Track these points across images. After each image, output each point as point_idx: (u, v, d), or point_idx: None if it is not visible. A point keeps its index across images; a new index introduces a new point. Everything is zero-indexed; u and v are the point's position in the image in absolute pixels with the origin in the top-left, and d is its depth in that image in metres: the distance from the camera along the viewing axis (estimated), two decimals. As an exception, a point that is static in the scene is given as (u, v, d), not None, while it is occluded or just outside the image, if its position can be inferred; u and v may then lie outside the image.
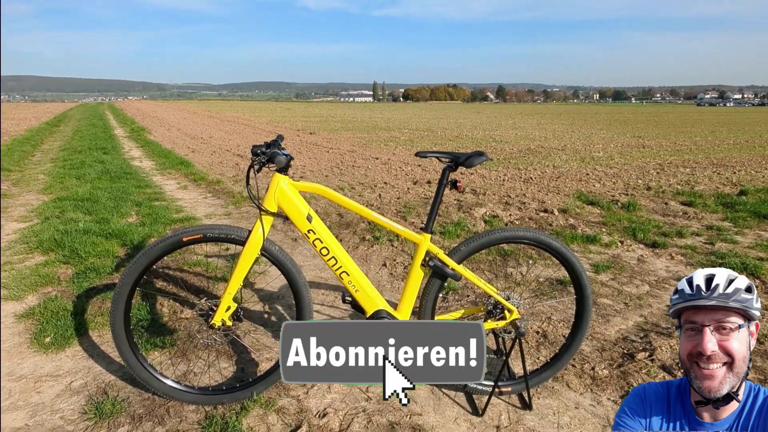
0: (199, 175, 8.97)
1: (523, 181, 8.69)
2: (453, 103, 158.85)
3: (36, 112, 42.23)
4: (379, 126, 25.63)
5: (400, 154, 12.96)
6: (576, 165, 11.12)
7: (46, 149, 13.87)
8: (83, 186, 7.69)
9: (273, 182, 2.28)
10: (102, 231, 5.02)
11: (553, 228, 5.29)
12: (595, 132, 22.78)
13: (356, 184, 8.13)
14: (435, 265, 2.41)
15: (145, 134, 18.59)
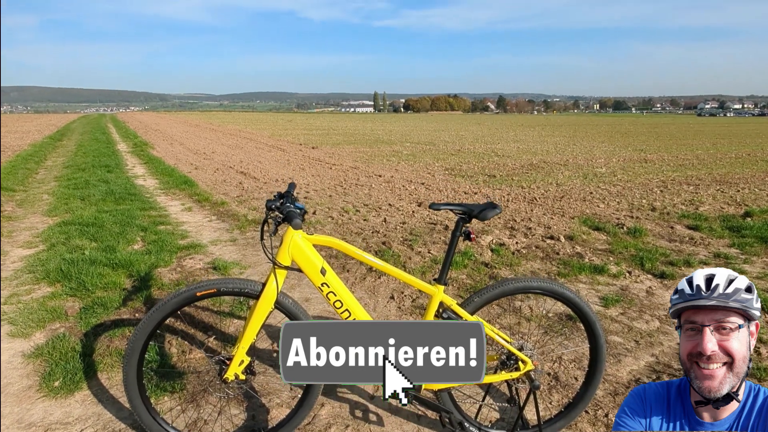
0: (203, 195, 8.97)
1: (528, 201, 8.68)
2: (454, 114, 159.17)
3: (39, 125, 42.40)
4: (381, 139, 25.70)
5: (402, 171, 12.98)
6: (579, 182, 11.12)
7: (49, 166, 13.89)
8: (88, 208, 7.70)
9: (287, 236, 2.27)
10: (108, 260, 5.01)
11: (560, 257, 5.28)
12: (597, 145, 22.82)
13: (361, 205, 8.12)
14: (449, 317, 2.40)
15: (148, 149, 18.64)
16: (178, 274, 4.81)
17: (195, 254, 5.48)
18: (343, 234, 6.16)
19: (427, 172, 12.81)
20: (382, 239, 5.82)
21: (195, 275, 4.79)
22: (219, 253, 5.56)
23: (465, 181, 11.39)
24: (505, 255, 5.29)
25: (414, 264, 4.99)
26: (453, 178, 11.88)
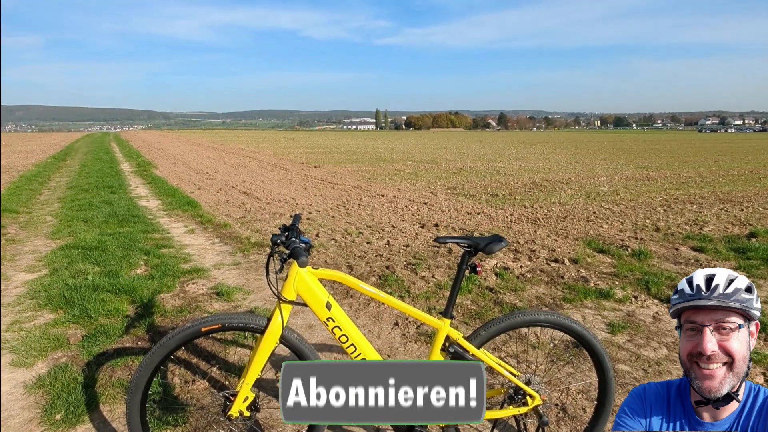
0: (206, 217, 8.97)
1: (531, 221, 8.67)
2: (455, 131, 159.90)
3: (43, 144, 42.67)
4: (383, 158, 25.78)
5: (405, 190, 12.99)
6: (582, 201, 11.11)
7: (53, 186, 13.94)
8: (91, 231, 7.70)
9: (292, 271, 2.25)
10: (111, 286, 5.00)
11: (565, 281, 5.25)
12: (599, 162, 22.85)
13: (363, 227, 8.11)
14: (455, 351, 2.37)
15: (152, 169, 18.71)
16: (181, 300, 4.78)
17: (198, 279, 5.46)
18: (347, 258, 6.14)
19: (430, 192, 12.82)
20: (386, 263, 5.80)
21: (198, 301, 4.76)
22: (222, 277, 5.54)
23: (467, 200, 11.39)
24: (510, 279, 5.26)
25: (418, 289, 4.96)
26: (455, 197, 11.88)
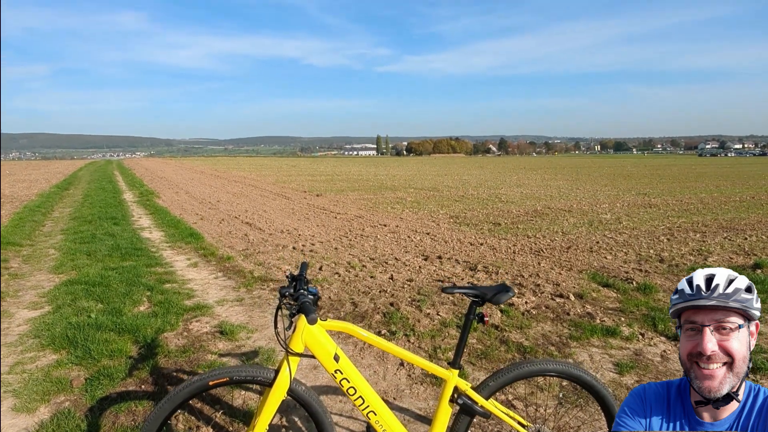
0: (208, 249, 8.97)
1: (534, 252, 8.65)
2: (456, 157, 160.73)
3: (46, 172, 42.94)
4: (385, 185, 25.87)
5: (407, 220, 13.00)
6: (585, 230, 11.10)
7: (56, 217, 13.97)
8: (94, 265, 7.69)
9: (300, 323, 2.24)
10: (114, 325, 4.97)
11: (570, 317, 5.21)
12: (600, 189, 22.91)
13: (367, 259, 8.10)
14: (464, 402, 2.35)
15: (154, 198, 18.78)
16: (184, 340, 4.75)
17: (201, 316, 5.44)
18: (351, 293, 6.11)
19: (432, 221, 12.83)
20: (390, 299, 5.77)
21: (202, 340, 4.73)
22: (226, 314, 5.52)
23: (470, 230, 11.39)
24: (515, 316, 5.23)
25: (423, 327, 4.93)
26: (458, 226, 11.88)
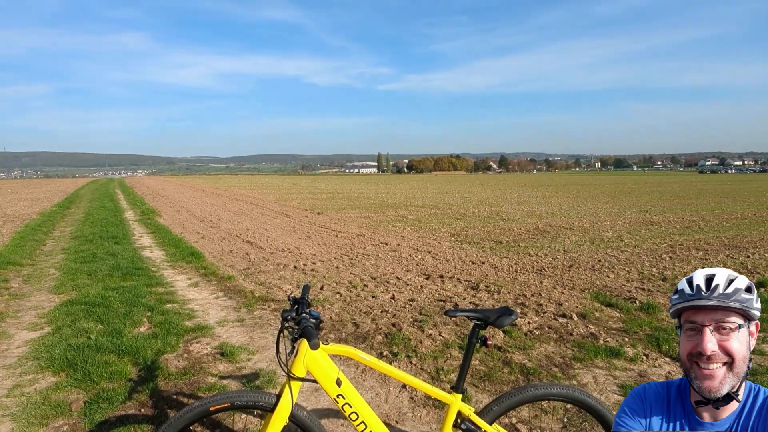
0: (209, 269, 8.95)
1: (536, 271, 8.62)
2: (457, 174, 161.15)
3: (48, 191, 43.05)
4: (386, 203, 25.89)
5: (408, 238, 12.98)
6: (587, 249, 11.08)
7: (57, 236, 13.97)
8: (95, 285, 7.67)
9: (302, 348, 2.22)
10: (114, 346, 4.94)
11: (574, 338, 5.17)
12: (601, 206, 22.91)
13: (368, 279, 8.07)
14: (467, 428, 2.32)
15: (155, 217, 18.79)
16: (185, 361, 4.72)
17: (202, 337, 5.40)
18: (352, 314, 6.08)
19: (433, 239, 12.81)
20: (392, 320, 5.74)
21: (202, 362, 4.69)
22: (226, 335, 5.48)
23: (471, 248, 11.37)
24: (518, 337, 5.19)
25: (425, 348, 4.89)
26: (459, 245, 11.86)
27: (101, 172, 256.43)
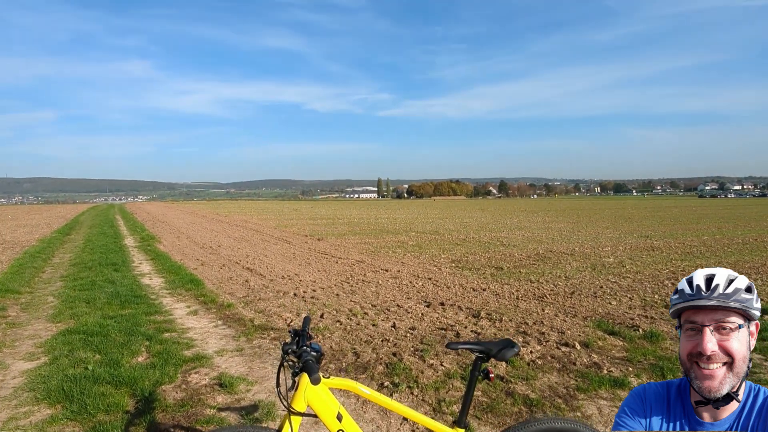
0: (209, 296, 8.89)
1: (538, 298, 8.56)
2: (457, 199, 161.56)
3: (48, 217, 43.09)
4: (386, 228, 25.88)
5: (409, 264, 12.94)
6: (588, 275, 11.02)
7: (56, 263, 13.93)
8: (93, 313, 7.62)
9: (303, 382, 2.19)
10: (112, 377, 4.87)
11: (577, 368, 5.10)
12: (601, 231, 22.89)
13: (369, 306, 8.01)
14: (471, 465, 2.27)
15: (155, 243, 18.76)
16: (183, 393, 4.65)
17: (201, 367, 5.33)
18: (353, 343, 6.01)
19: (434, 265, 12.77)
20: (393, 349, 5.67)
21: (200, 393, 4.62)
22: (225, 365, 5.41)
23: (472, 274, 11.32)
24: (521, 366, 5.12)
25: (426, 379, 4.82)
26: (460, 271, 11.81)
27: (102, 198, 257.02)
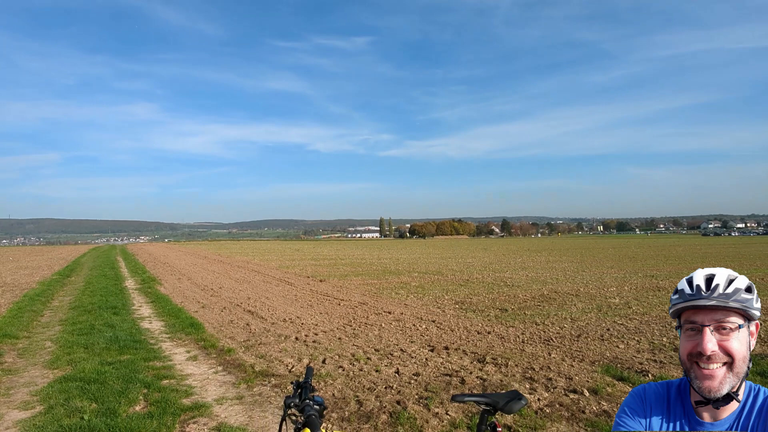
0: (209, 341, 8.75)
1: (544, 341, 8.40)
2: (459, 239, 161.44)
3: (50, 258, 42.99)
4: (389, 269, 25.73)
5: (412, 306, 12.79)
6: (594, 316, 10.87)
7: (56, 306, 13.80)
8: (91, 359, 7.48)
9: (304, 437, 2.09)
10: (108, 428, 4.74)
11: (586, 416, 4.94)
12: (606, 271, 22.74)
13: (371, 351, 7.86)
14: None
15: (156, 286, 18.64)
16: (180, 445, 4.50)
17: (199, 417, 5.19)
18: (355, 390, 5.86)
19: (437, 307, 12.62)
20: (396, 397, 5.52)
21: (198, 445, 4.48)
22: (225, 414, 5.26)
23: (476, 316, 11.16)
24: (528, 415, 4.96)
25: (431, 429, 4.67)
26: (464, 313, 11.66)
27: (104, 239, 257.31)
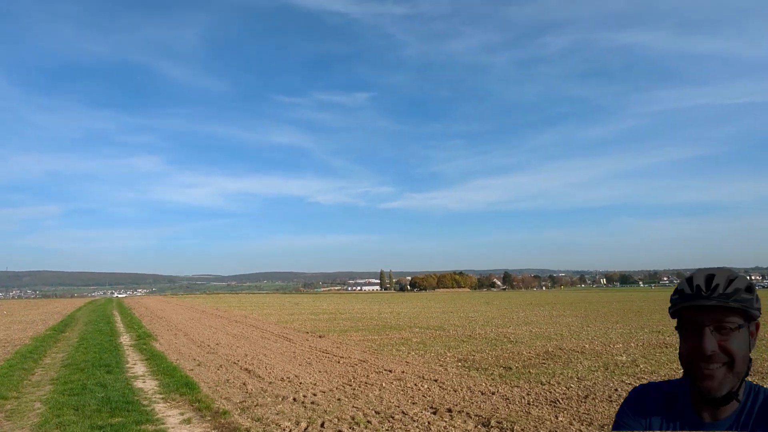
0: (204, 402, 8.44)
1: (550, 403, 8.10)
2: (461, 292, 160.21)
3: (44, 312, 42.37)
4: (389, 324, 25.30)
5: (413, 363, 12.46)
6: (601, 375, 10.55)
7: (47, 364, 13.43)
8: (81, 422, 7.20)
9: None
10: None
11: (601, 488, 4.67)
12: (611, 326, 22.35)
13: (372, 413, 7.56)
14: None
15: (151, 342, 18.24)
16: None
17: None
18: (355, 457, 5.57)
19: (440, 364, 12.29)
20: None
21: None
22: (216, 486, 4.97)
23: (480, 375, 10.84)
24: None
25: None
26: (467, 371, 11.34)
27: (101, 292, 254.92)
